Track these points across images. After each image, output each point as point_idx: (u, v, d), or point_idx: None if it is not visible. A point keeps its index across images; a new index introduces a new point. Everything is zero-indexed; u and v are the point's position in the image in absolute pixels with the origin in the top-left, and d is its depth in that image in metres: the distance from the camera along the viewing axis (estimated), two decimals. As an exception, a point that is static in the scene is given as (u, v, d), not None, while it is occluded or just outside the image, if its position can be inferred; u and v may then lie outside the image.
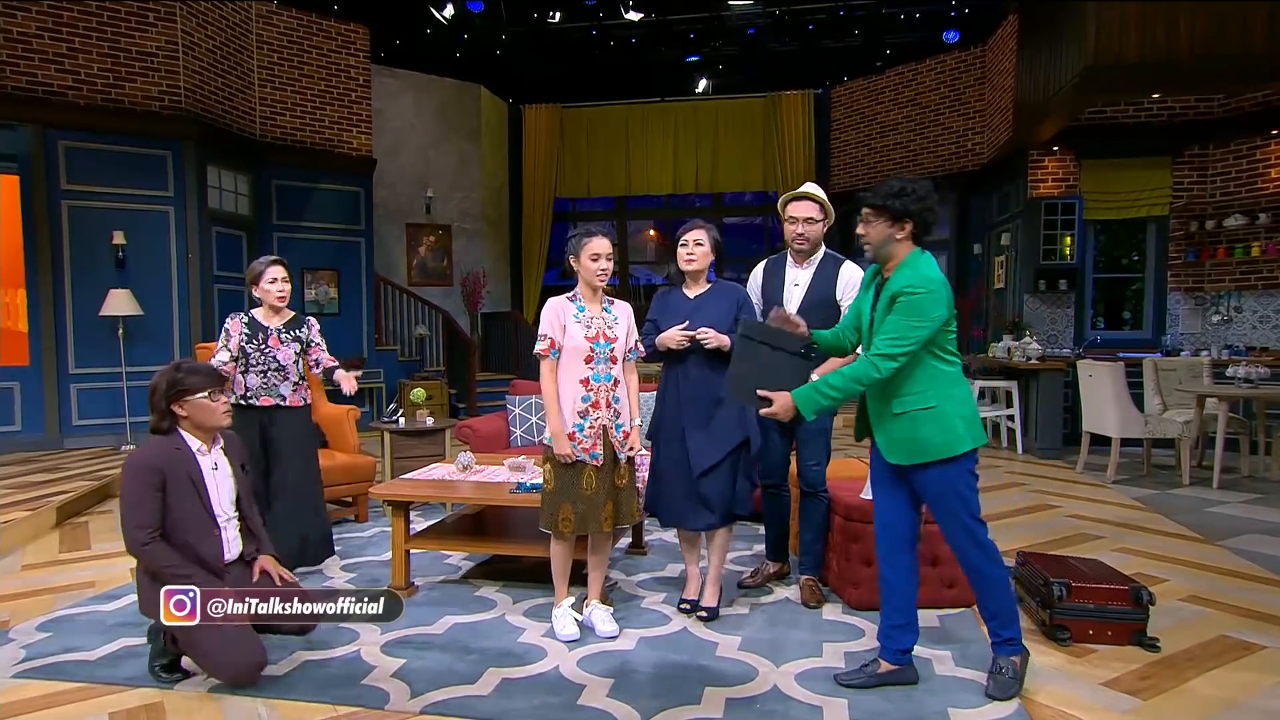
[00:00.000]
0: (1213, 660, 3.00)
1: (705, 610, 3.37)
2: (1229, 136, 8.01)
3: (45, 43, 6.96)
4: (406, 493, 3.77)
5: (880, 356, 2.52)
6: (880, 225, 2.60)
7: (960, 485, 2.61)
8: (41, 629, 3.30)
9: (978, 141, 10.09)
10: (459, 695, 2.71)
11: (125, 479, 2.82)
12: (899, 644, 2.77)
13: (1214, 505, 5.46)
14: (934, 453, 2.57)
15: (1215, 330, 8.20)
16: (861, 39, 10.32)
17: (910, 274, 2.54)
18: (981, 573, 2.67)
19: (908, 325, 2.49)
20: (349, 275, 9.44)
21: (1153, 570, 4.01)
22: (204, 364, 3.04)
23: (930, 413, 2.57)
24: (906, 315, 2.49)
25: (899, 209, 2.55)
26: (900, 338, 2.49)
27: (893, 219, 2.57)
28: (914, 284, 2.51)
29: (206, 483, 2.91)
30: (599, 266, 3.12)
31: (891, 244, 2.60)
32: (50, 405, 7.07)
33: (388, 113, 10.57)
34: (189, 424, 2.91)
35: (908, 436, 2.60)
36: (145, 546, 2.76)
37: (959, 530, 2.65)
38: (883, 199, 2.58)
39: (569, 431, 3.10)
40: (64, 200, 7.04)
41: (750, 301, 3.43)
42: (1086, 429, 6.49)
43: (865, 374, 2.55)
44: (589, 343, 3.12)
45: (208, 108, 7.84)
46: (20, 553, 4.48)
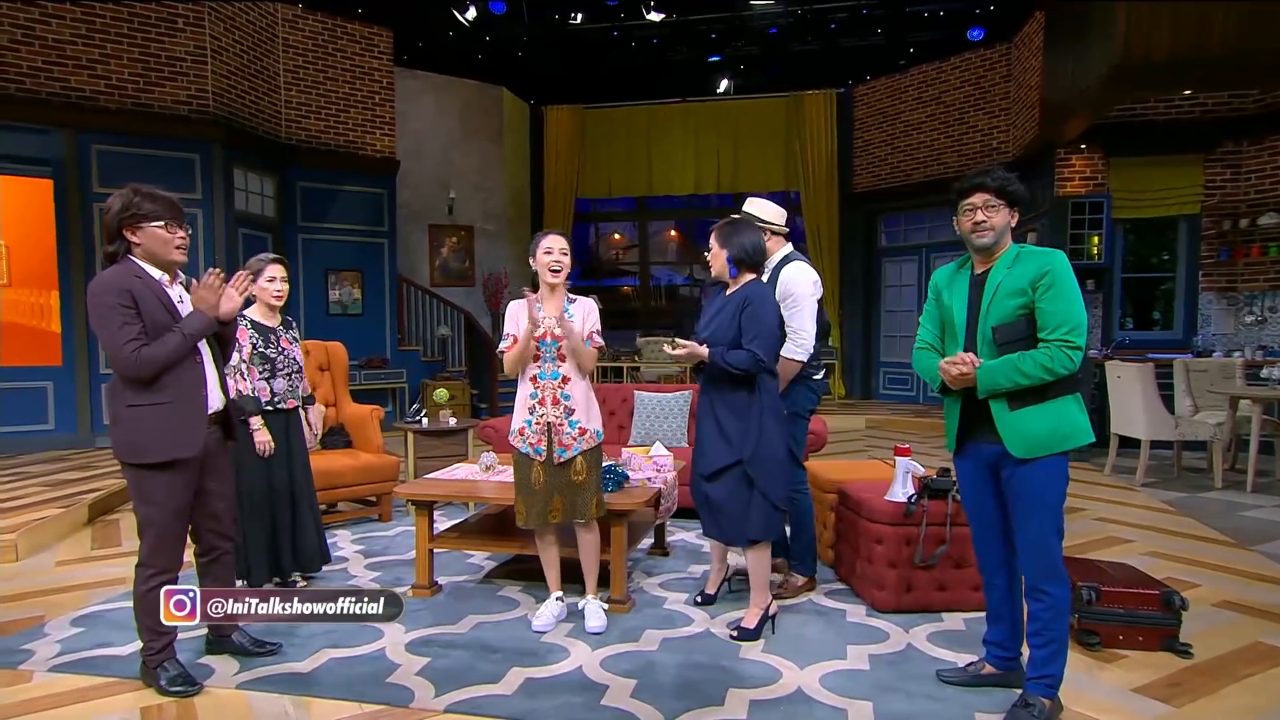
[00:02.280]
0: (1247, 667, 2.94)
1: (739, 629, 3.22)
2: (1263, 133, 7.83)
3: (78, 49, 7.10)
4: (430, 492, 3.79)
5: (1072, 349, 2.38)
6: (1002, 211, 2.52)
7: (1061, 486, 2.51)
8: (75, 624, 3.36)
9: (1003, 140, 9.97)
10: (482, 694, 2.72)
11: (92, 307, 2.59)
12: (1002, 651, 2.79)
13: (1247, 509, 5.35)
14: (1055, 445, 2.45)
15: (1249, 331, 8.04)
16: (884, 37, 10.22)
17: (1038, 255, 2.47)
18: (1044, 592, 2.49)
19: (1071, 306, 2.40)
20: (372, 276, 9.53)
21: (1184, 575, 3.95)
22: (165, 194, 2.73)
23: (1065, 400, 2.46)
24: (1061, 295, 2.40)
25: (1020, 194, 2.52)
26: (1076, 324, 2.38)
27: (1011, 204, 2.52)
28: (1041, 262, 2.43)
29: (178, 309, 2.71)
30: (550, 260, 3.24)
31: (1006, 232, 2.54)
32: (82, 405, 7.21)
33: (410, 114, 10.65)
34: (142, 253, 2.68)
35: (1039, 427, 2.45)
36: (137, 353, 2.55)
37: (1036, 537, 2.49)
38: (1007, 181, 2.51)
39: (519, 426, 3.27)
40: (96, 203, 7.17)
41: (756, 305, 3.13)
42: (1115, 431, 6.39)
43: (1062, 363, 2.38)
44: (535, 341, 3.20)
45: (235, 111, 7.96)
46: (54, 549, 4.56)
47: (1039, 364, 2.38)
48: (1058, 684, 2.54)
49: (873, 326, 11.86)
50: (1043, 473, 2.47)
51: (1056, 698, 2.56)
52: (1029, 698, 2.53)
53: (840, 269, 11.69)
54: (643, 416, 5.55)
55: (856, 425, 9.55)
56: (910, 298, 11.24)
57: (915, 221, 11.29)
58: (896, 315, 11.57)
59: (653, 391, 5.71)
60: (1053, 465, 2.47)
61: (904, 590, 3.41)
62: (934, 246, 10.98)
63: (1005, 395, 2.46)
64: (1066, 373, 2.39)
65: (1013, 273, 2.47)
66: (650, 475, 3.85)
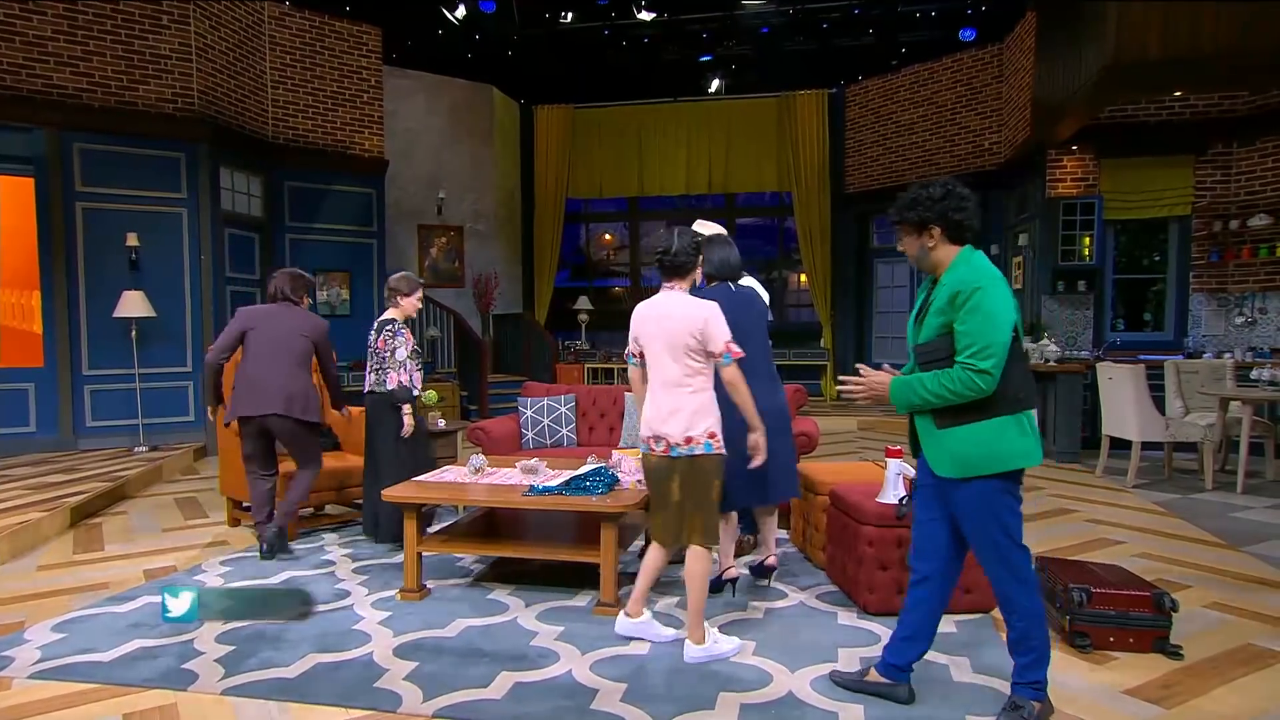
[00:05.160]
0: (1238, 669, 2.95)
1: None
2: (1254, 134, 7.87)
3: (60, 45, 7.01)
4: (418, 495, 3.76)
5: (975, 373, 2.33)
6: (909, 239, 2.55)
7: (1002, 504, 2.43)
8: (56, 630, 3.31)
9: (995, 141, 9.99)
10: (471, 699, 2.70)
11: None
12: (894, 656, 2.67)
13: (1238, 510, 5.36)
14: (985, 467, 2.40)
15: (1239, 332, 8.07)
16: (876, 38, 10.22)
17: (967, 272, 2.42)
18: (1015, 604, 2.48)
19: (984, 327, 2.33)
20: (361, 277, 9.46)
21: (1175, 576, 3.95)
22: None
23: (1003, 421, 2.39)
24: (974, 315, 2.35)
25: (916, 219, 2.50)
26: (984, 345, 2.31)
27: (916, 230, 2.52)
28: (967, 279, 2.39)
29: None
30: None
31: (928, 255, 2.52)
32: (64, 406, 7.12)
33: (400, 114, 10.59)
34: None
35: (967, 448, 2.42)
36: None
37: (991, 553, 2.47)
38: (899, 213, 2.54)
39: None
40: (78, 202, 7.09)
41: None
42: (1106, 432, 6.40)
43: (964, 384, 2.35)
44: None
45: (221, 110, 7.88)
46: (36, 554, 4.49)
47: (940, 383, 2.38)
48: (1044, 686, 2.53)
49: (864, 328, 11.87)
50: (977, 494, 2.42)
51: (1046, 699, 2.54)
52: (1018, 700, 2.51)
53: (832, 270, 11.69)
54: (633, 418, 5.52)
55: (848, 427, 9.55)
56: (902, 299, 11.25)
57: (907, 222, 11.27)
58: (888, 316, 11.58)
59: (644, 392, 5.66)
60: (988, 486, 2.41)
61: (895, 592, 3.39)
62: (926, 247, 10.96)
63: (931, 413, 2.46)
64: (972, 394, 2.34)
65: (940, 291, 2.46)
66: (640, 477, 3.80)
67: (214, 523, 5.16)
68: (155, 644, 3.16)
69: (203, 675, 2.88)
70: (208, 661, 2.99)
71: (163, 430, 7.42)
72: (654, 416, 3.03)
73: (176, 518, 5.32)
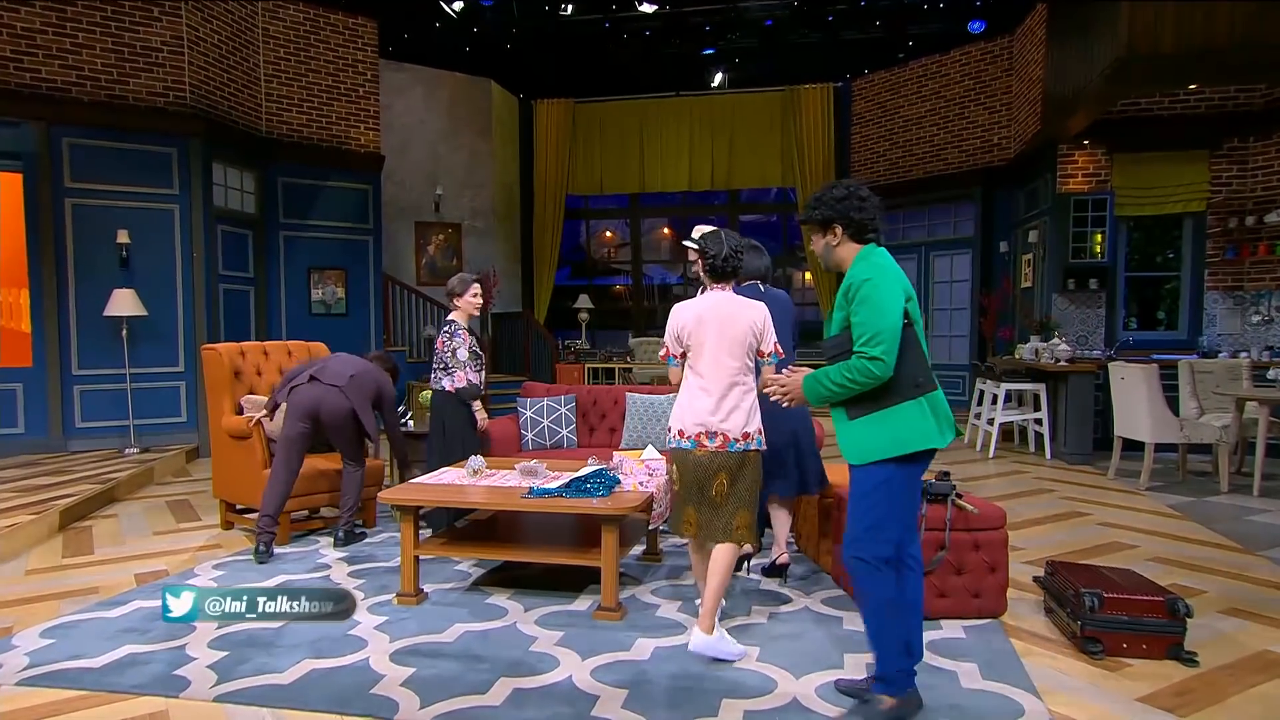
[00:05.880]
0: (1254, 676, 2.89)
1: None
2: (1271, 129, 7.75)
3: (49, 38, 6.90)
4: (416, 497, 3.69)
5: (869, 360, 2.43)
6: (815, 238, 2.69)
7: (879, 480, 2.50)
8: (45, 635, 3.26)
9: (1004, 135, 9.88)
10: (469, 705, 2.66)
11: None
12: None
13: (1254, 513, 5.27)
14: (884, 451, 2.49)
15: (1255, 331, 7.96)
16: (883, 30, 10.10)
17: (861, 267, 2.55)
18: (859, 592, 2.61)
19: (872, 316, 2.44)
20: (357, 275, 9.35)
21: (1189, 581, 3.88)
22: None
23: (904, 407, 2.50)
24: (864, 305, 2.46)
25: (820, 218, 2.63)
26: (874, 334, 2.43)
27: (821, 228, 2.65)
28: (858, 273, 2.52)
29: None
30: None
31: (831, 252, 2.66)
32: (54, 407, 7.02)
33: (397, 108, 10.49)
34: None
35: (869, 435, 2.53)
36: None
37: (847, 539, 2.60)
38: (805, 212, 2.70)
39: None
40: (68, 198, 6.99)
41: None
42: (1118, 434, 6.30)
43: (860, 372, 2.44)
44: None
45: (214, 104, 7.77)
46: (24, 557, 4.41)
47: (841, 374, 2.49)
48: (893, 680, 2.52)
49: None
50: (866, 474, 2.54)
51: (906, 694, 2.53)
52: (866, 695, 2.60)
53: (835, 266, 11.57)
54: (635, 419, 5.43)
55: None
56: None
57: (914, 219, 11.17)
58: (893, 313, 11.45)
59: (645, 393, 5.59)
60: (879, 466, 2.50)
61: (905, 598, 3.30)
62: (933, 244, 10.89)
63: (843, 405, 2.57)
64: (870, 381, 2.44)
65: (841, 288, 2.58)
66: (642, 479, 3.76)
67: (207, 526, 5.08)
68: (146, 649, 3.10)
69: (195, 681, 2.83)
70: (200, 667, 2.94)
71: (154, 431, 7.33)
72: (709, 412, 3.05)
73: (168, 521, 5.24)
